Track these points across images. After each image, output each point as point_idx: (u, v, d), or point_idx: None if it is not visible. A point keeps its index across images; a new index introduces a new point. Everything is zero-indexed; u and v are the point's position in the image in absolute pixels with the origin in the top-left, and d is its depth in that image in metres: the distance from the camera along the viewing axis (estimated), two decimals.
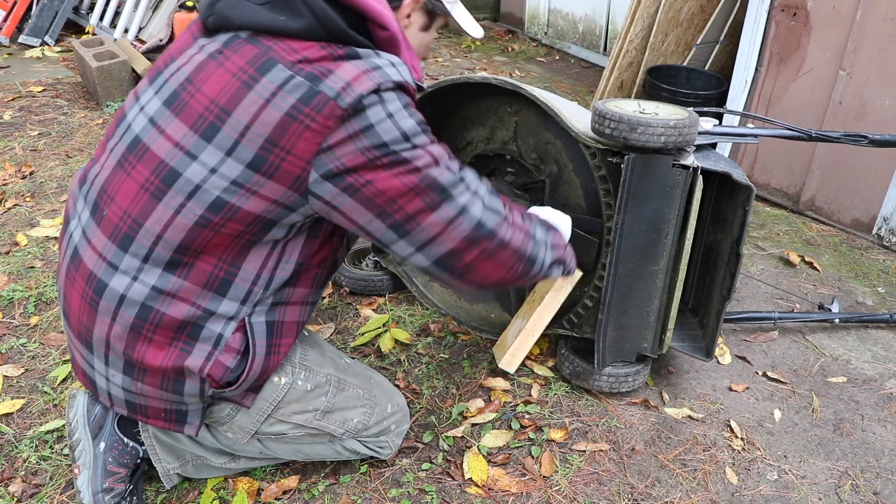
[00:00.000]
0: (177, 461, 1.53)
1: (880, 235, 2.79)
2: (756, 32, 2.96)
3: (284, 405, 1.41)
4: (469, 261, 1.27)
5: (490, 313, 2.19)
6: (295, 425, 1.44)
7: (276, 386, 1.39)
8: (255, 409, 1.39)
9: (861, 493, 1.67)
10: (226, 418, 1.39)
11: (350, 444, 1.55)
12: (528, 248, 1.36)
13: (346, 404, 1.49)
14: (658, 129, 1.58)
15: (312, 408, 1.44)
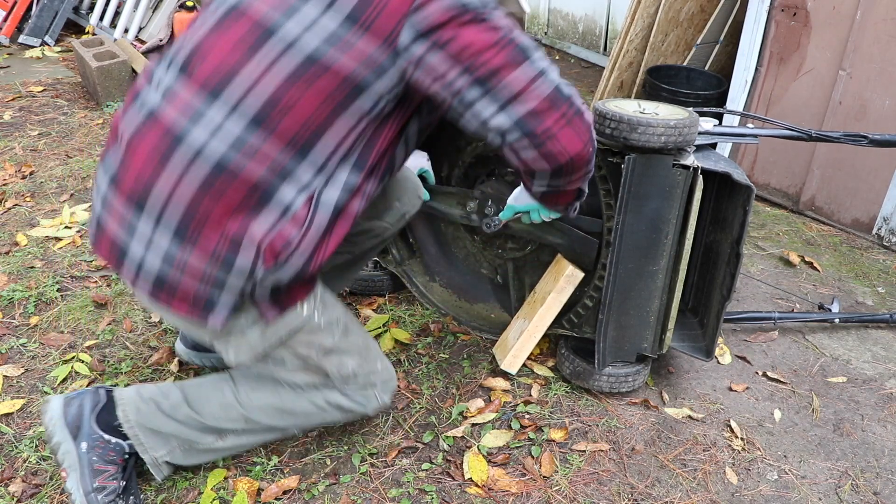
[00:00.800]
0: (163, 447, 1.52)
1: (880, 235, 2.79)
2: (756, 32, 2.95)
3: (297, 333, 1.42)
4: (550, 124, 1.26)
5: (490, 313, 2.19)
6: (297, 356, 1.45)
7: (298, 315, 1.40)
8: (272, 328, 1.38)
9: (861, 493, 1.67)
10: (241, 328, 1.38)
11: (334, 397, 1.53)
12: (592, 132, 1.36)
13: (346, 348, 1.50)
14: (658, 129, 1.58)
15: (318, 343, 1.45)
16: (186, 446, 1.53)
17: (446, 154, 2.08)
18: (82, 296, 2.22)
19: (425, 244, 2.27)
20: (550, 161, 1.30)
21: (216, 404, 1.52)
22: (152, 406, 1.51)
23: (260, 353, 1.42)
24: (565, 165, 1.32)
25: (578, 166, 1.34)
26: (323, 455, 1.70)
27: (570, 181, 1.39)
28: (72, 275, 2.33)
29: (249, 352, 1.41)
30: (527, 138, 1.26)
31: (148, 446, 1.51)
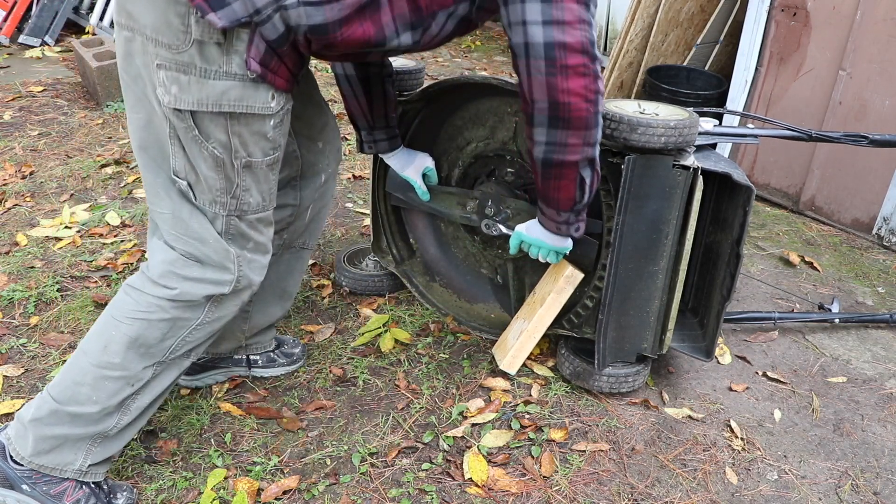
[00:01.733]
0: (75, 455, 1.42)
1: (880, 235, 2.79)
2: (756, 32, 2.96)
3: (250, 119, 1.32)
4: (571, 63, 1.30)
5: (490, 313, 2.19)
6: (226, 140, 1.32)
7: (264, 100, 1.31)
8: (239, 90, 1.27)
9: (861, 493, 1.67)
10: (215, 65, 1.25)
11: (189, 270, 1.41)
12: (601, 101, 1.39)
13: (263, 179, 1.40)
14: (658, 129, 1.58)
15: (252, 150, 1.35)
16: (99, 439, 1.44)
17: (446, 154, 2.08)
18: (82, 296, 2.22)
19: (425, 244, 2.28)
20: (551, 94, 1.33)
21: (86, 386, 1.40)
22: (37, 427, 1.40)
23: (203, 105, 1.27)
24: (562, 107, 1.35)
25: (578, 119, 1.37)
26: (323, 455, 1.70)
27: (569, 140, 1.40)
28: (72, 275, 2.33)
29: (196, 96, 1.26)
30: (546, 62, 1.31)
31: (60, 467, 1.41)
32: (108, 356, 1.40)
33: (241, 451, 1.70)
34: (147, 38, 1.25)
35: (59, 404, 1.40)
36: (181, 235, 1.41)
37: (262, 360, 1.92)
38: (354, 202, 2.94)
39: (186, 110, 1.28)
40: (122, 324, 1.41)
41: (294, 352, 1.97)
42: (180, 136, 1.32)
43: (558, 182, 1.49)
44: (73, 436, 1.41)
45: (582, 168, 1.46)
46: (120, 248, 2.48)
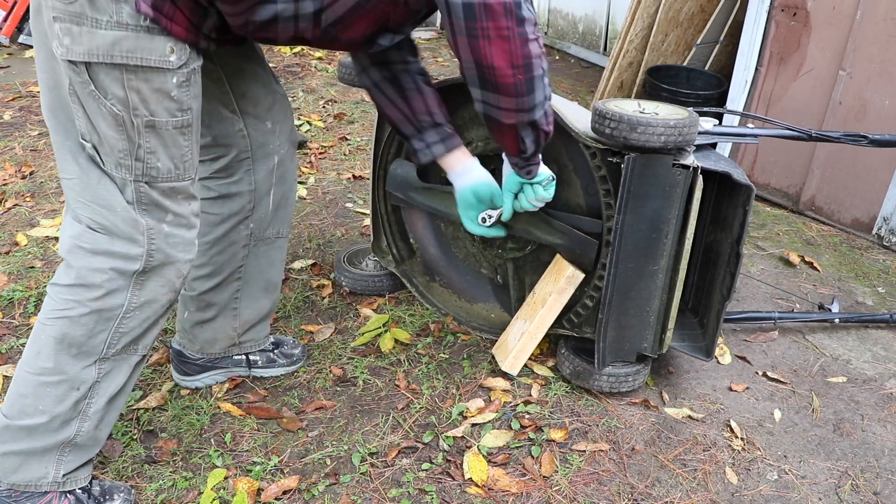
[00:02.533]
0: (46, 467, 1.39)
1: (880, 235, 2.79)
2: (756, 32, 2.96)
3: (147, 74, 1.24)
4: (488, 25, 1.26)
5: (490, 313, 2.19)
6: (124, 96, 1.24)
7: (162, 53, 1.23)
8: (131, 40, 1.20)
9: (861, 493, 1.67)
10: (99, 22, 1.19)
11: (98, 242, 1.33)
12: (535, 66, 1.34)
13: (171, 143, 1.31)
14: (658, 128, 1.58)
15: (152, 109, 1.27)
16: (68, 448, 1.40)
17: None
18: None
19: (425, 244, 2.28)
20: (475, 56, 1.31)
21: (30, 397, 1.36)
22: (10, 443, 1.38)
23: (94, 56, 1.21)
24: (487, 70, 1.32)
25: (505, 86, 1.34)
26: (323, 455, 1.70)
27: (501, 104, 1.38)
28: None
29: (87, 46, 1.20)
30: (465, 23, 1.27)
31: (33, 482, 1.39)
32: (41, 361, 1.35)
33: (241, 451, 1.70)
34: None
35: (10, 419, 1.37)
36: (88, 202, 1.33)
37: (262, 360, 1.92)
38: (354, 202, 2.94)
39: (80, 62, 1.21)
40: (46, 326, 1.35)
41: (294, 352, 1.97)
42: (78, 92, 1.25)
43: (501, 135, 1.49)
44: (35, 449, 1.37)
45: (521, 129, 1.45)
46: None
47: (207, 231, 1.67)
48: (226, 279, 1.73)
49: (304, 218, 2.78)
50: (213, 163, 1.64)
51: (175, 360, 1.86)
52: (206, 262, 1.70)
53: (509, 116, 1.41)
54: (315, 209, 2.85)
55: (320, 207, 2.86)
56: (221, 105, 1.57)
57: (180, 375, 1.87)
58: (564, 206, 1.91)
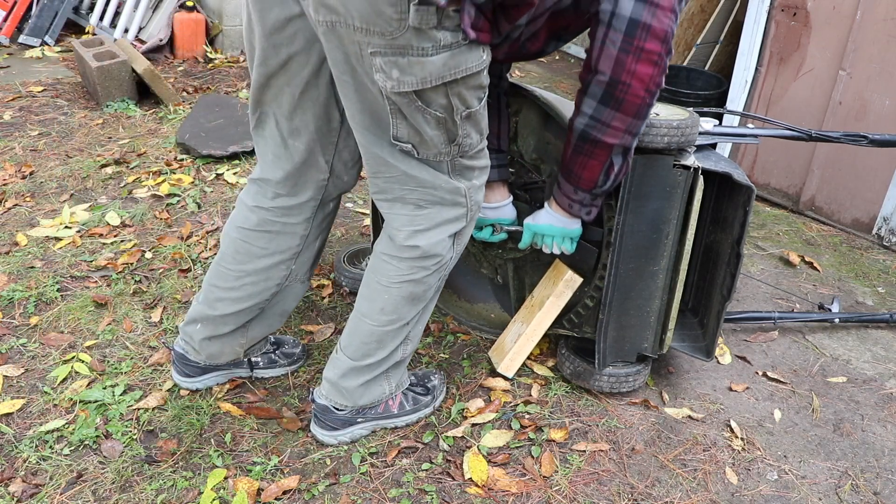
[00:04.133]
0: (388, 385, 1.70)
1: (880, 235, 2.79)
2: (756, 32, 2.96)
3: (467, 79, 1.32)
4: (648, 48, 1.31)
5: (490, 313, 2.19)
6: (446, 102, 1.34)
7: (479, 56, 1.31)
8: (457, 57, 1.27)
9: (861, 493, 1.67)
10: (425, 50, 1.25)
11: (453, 182, 1.47)
12: (656, 96, 1.41)
13: (479, 119, 1.43)
14: (661, 129, 1.58)
15: (469, 100, 1.36)
16: (394, 367, 1.69)
17: None
18: (82, 296, 2.22)
19: None
20: (616, 70, 1.34)
21: (373, 343, 1.61)
22: (344, 383, 1.65)
23: (427, 82, 1.29)
24: (621, 87, 1.36)
25: (631, 104, 1.38)
26: (323, 455, 1.70)
27: (613, 122, 1.41)
28: (72, 275, 2.33)
29: (419, 76, 1.28)
30: (624, 37, 1.32)
31: (376, 400, 1.70)
32: (386, 316, 1.58)
33: (241, 451, 1.70)
34: (354, 28, 1.24)
35: (355, 361, 1.63)
36: (414, 188, 1.47)
37: (264, 361, 1.92)
38: (354, 202, 2.94)
39: (411, 91, 1.30)
40: (391, 288, 1.56)
41: (294, 352, 1.97)
42: (402, 110, 1.34)
43: (587, 159, 1.50)
44: (374, 377, 1.66)
45: (615, 153, 1.47)
46: (120, 248, 2.48)
47: (246, 261, 1.70)
48: (250, 307, 1.75)
49: None
50: (280, 198, 1.66)
51: (177, 361, 1.85)
52: (237, 287, 1.72)
53: (615, 136, 1.44)
54: None
55: None
56: (321, 153, 1.62)
57: (181, 377, 1.86)
58: None
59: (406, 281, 1.56)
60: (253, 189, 1.68)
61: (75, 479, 1.61)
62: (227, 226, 1.72)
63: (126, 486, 1.60)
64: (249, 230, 1.67)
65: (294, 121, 1.55)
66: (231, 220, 1.71)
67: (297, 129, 1.56)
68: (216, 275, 1.73)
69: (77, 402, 1.81)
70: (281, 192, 1.64)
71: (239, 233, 1.69)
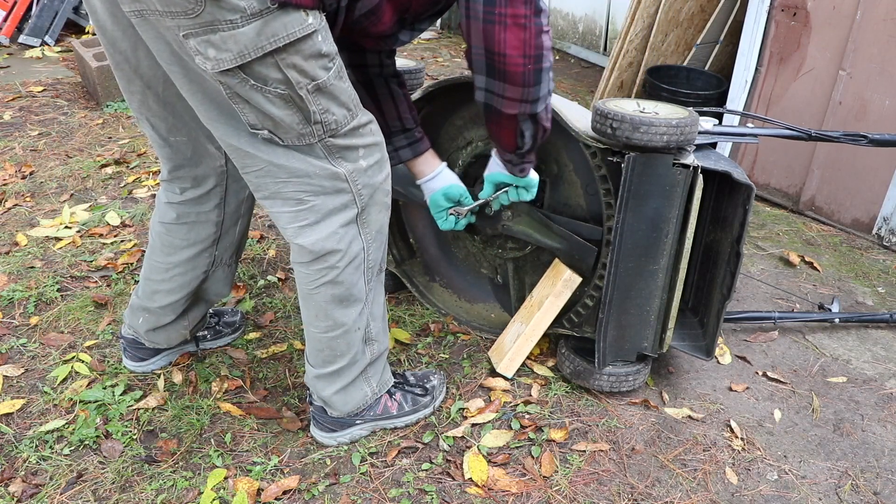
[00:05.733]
0: (368, 387, 1.68)
1: (880, 235, 2.79)
2: (756, 32, 2.96)
3: (295, 46, 1.23)
4: (507, 12, 1.27)
5: (490, 313, 2.19)
6: (283, 76, 1.25)
7: (301, 20, 1.22)
8: (272, 24, 1.19)
9: (861, 493, 1.67)
10: (234, 22, 1.18)
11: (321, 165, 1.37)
12: (545, 58, 1.35)
13: (337, 93, 1.33)
14: (661, 128, 1.58)
15: (312, 71, 1.27)
16: (368, 368, 1.66)
17: (446, 154, 2.08)
18: (82, 296, 2.22)
19: (425, 244, 2.27)
20: (487, 42, 1.31)
21: (326, 350, 1.59)
22: (323, 392, 1.65)
23: (246, 55, 1.21)
24: (497, 58, 1.32)
25: (513, 74, 1.34)
26: (323, 455, 1.70)
27: (506, 93, 1.38)
28: (72, 275, 2.33)
29: (235, 49, 1.20)
30: (484, 6, 1.27)
31: (363, 403, 1.69)
32: (322, 322, 1.55)
33: (241, 451, 1.70)
34: (161, 14, 1.19)
35: (318, 369, 1.63)
36: (287, 179, 1.38)
37: (210, 334, 2.02)
38: None
39: (234, 67, 1.22)
40: (312, 295, 1.53)
41: (235, 320, 2.09)
42: (239, 92, 1.27)
43: (499, 129, 1.49)
44: (348, 383, 1.64)
45: (522, 121, 1.44)
46: (120, 248, 2.48)
47: (171, 252, 1.75)
48: (184, 296, 1.81)
49: None
50: (187, 191, 1.69)
51: (129, 348, 1.91)
52: (168, 279, 1.78)
53: (512, 106, 1.40)
54: None
55: None
56: (209, 142, 1.62)
57: (134, 362, 1.92)
58: (565, 205, 1.91)
59: (321, 285, 1.50)
60: (162, 188, 1.73)
61: (75, 479, 1.61)
62: (152, 221, 1.78)
63: (126, 486, 1.60)
64: (170, 224, 1.73)
65: (168, 119, 1.54)
66: (154, 216, 1.77)
67: (174, 126, 1.56)
68: (149, 268, 1.80)
69: (77, 402, 1.81)
70: (185, 186, 1.68)
71: (161, 227, 1.74)
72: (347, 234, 1.46)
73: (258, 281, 2.35)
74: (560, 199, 1.92)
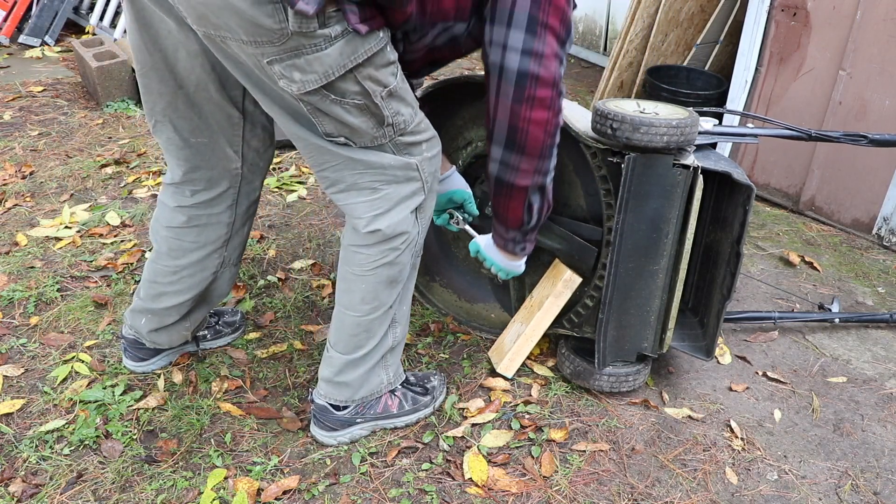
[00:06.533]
0: (385, 376, 1.71)
1: (880, 235, 2.79)
2: (756, 32, 2.95)
3: (372, 58, 1.31)
4: (538, 95, 1.37)
5: (490, 313, 2.19)
6: (360, 88, 1.33)
7: (377, 36, 1.30)
8: (352, 44, 1.27)
9: (861, 493, 1.67)
10: (320, 40, 1.25)
11: (387, 159, 1.45)
12: (558, 134, 1.46)
13: (403, 95, 1.42)
14: (661, 128, 1.58)
15: (384, 79, 1.35)
16: (388, 354, 1.69)
17: (446, 154, 2.08)
18: (82, 296, 2.22)
19: (425, 244, 2.27)
20: (513, 119, 1.39)
21: (362, 334, 1.61)
22: (341, 378, 1.66)
23: (331, 75, 1.29)
24: (521, 133, 1.40)
25: (533, 147, 1.43)
26: (323, 455, 1.70)
27: (521, 165, 1.46)
28: (72, 275, 2.33)
29: (320, 71, 1.28)
30: (515, 88, 1.37)
31: (375, 391, 1.71)
32: (367, 304, 1.58)
33: (241, 451, 1.70)
34: (244, 42, 1.24)
35: (347, 355, 1.64)
36: (364, 171, 1.46)
37: (210, 333, 2.02)
38: None
39: (318, 88, 1.30)
40: (366, 276, 1.56)
41: (235, 320, 2.09)
42: (320, 107, 1.34)
43: (508, 201, 1.55)
44: (370, 367, 1.66)
45: (531, 193, 1.52)
46: (120, 248, 2.48)
47: (180, 256, 1.75)
48: (192, 297, 1.81)
49: (304, 218, 2.78)
50: (200, 193, 1.69)
51: (129, 348, 1.91)
52: (176, 281, 1.78)
53: (525, 178, 1.48)
54: (315, 209, 2.84)
55: (320, 207, 2.86)
56: (229, 145, 1.63)
57: (135, 362, 1.92)
58: (565, 206, 1.91)
59: (379, 266, 1.55)
60: (170, 191, 1.71)
61: (75, 479, 1.61)
62: (155, 225, 1.76)
63: (126, 486, 1.60)
64: (178, 228, 1.72)
65: (193, 120, 1.56)
66: (157, 221, 1.75)
67: (198, 128, 1.57)
68: (154, 272, 1.79)
69: (77, 402, 1.81)
70: (198, 188, 1.68)
71: (169, 231, 1.73)
72: (412, 218, 1.54)
73: (258, 281, 2.35)
74: (560, 200, 1.92)
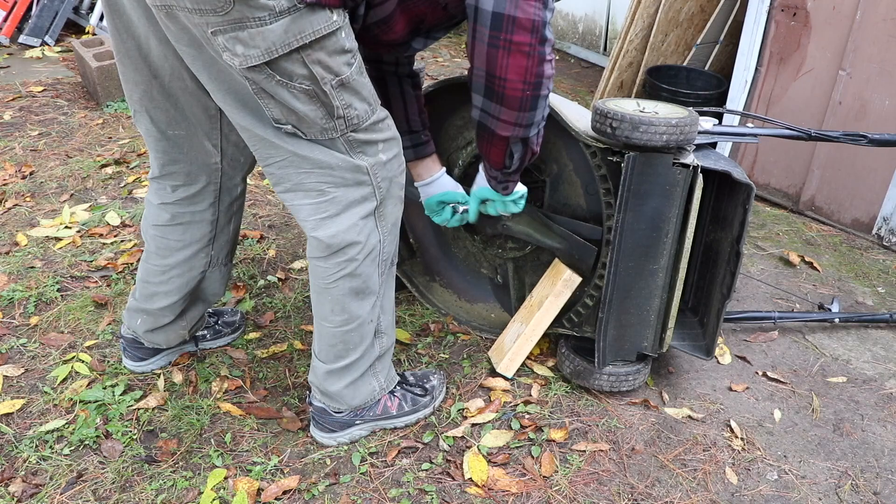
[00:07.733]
0: (375, 382, 1.70)
1: (880, 235, 2.79)
2: (756, 32, 2.95)
3: (320, 42, 1.25)
4: (515, 39, 1.29)
5: (490, 313, 2.19)
6: (308, 71, 1.27)
7: (327, 17, 1.24)
8: (299, 22, 1.22)
9: (861, 493, 1.67)
10: (262, 19, 1.20)
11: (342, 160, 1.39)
12: (544, 85, 1.37)
13: (359, 88, 1.35)
14: (661, 127, 1.58)
15: (335, 67, 1.29)
16: (376, 362, 1.68)
17: (446, 154, 2.08)
18: (82, 296, 2.22)
19: (425, 244, 2.27)
20: (489, 65, 1.33)
21: (340, 344, 1.60)
22: (330, 388, 1.65)
23: (273, 52, 1.23)
24: (497, 81, 1.34)
25: (511, 98, 1.36)
26: (323, 455, 1.70)
27: (501, 116, 1.40)
28: (72, 275, 2.33)
29: (262, 46, 1.22)
30: (490, 31, 1.29)
31: (368, 397, 1.70)
32: (337, 316, 1.56)
33: (241, 451, 1.70)
34: (190, 11, 1.21)
35: (328, 364, 1.63)
36: (310, 170, 1.40)
37: (210, 333, 2.02)
38: None
39: (261, 63, 1.24)
40: (330, 289, 1.53)
41: (234, 319, 2.08)
42: (265, 87, 1.29)
43: (489, 147, 1.51)
44: (358, 376, 1.65)
45: (512, 143, 1.47)
46: (120, 248, 2.48)
47: (167, 255, 1.75)
48: (182, 297, 1.82)
49: None
50: (181, 189, 1.69)
51: (129, 347, 1.91)
52: (165, 281, 1.78)
53: (506, 129, 1.43)
54: None
55: None
56: (207, 139, 1.62)
57: (134, 362, 1.92)
58: (565, 205, 1.92)
59: (339, 278, 1.51)
60: (154, 188, 1.71)
61: (75, 479, 1.61)
62: (144, 224, 1.77)
63: (126, 486, 1.60)
64: (163, 226, 1.72)
65: (169, 111, 1.54)
66: (145, 219, 1.76)
67: (175, 119, 1.56)
68: (146, 272, 1.80)
69: (77, 402, 1.81)
70: (178, 183, 1.67)
71: (155, 230, 1.74)
72: (366, 227, 1.48)
73: (258, 281, 2.35)
74: (560, 199, 1.92)
